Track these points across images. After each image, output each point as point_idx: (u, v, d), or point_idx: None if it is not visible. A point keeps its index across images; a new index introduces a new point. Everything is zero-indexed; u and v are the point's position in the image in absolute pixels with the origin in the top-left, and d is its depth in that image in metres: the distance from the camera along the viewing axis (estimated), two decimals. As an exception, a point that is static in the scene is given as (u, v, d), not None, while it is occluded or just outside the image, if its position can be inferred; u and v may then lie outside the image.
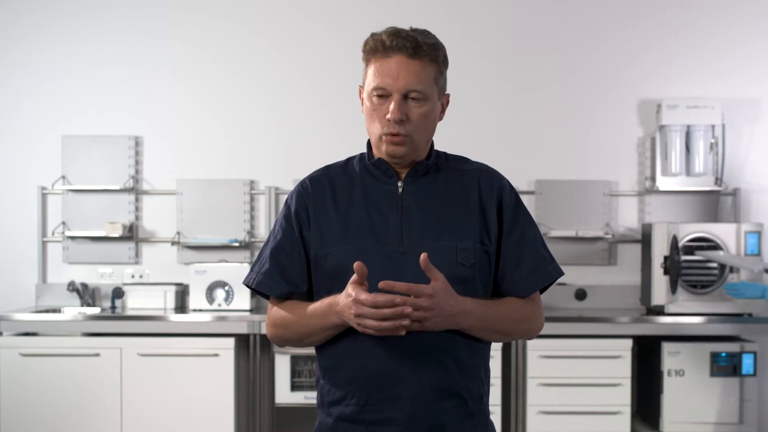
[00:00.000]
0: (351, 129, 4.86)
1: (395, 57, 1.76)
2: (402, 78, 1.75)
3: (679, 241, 4.48)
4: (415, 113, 1.77)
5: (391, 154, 1.80)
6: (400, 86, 1.75)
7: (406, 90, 1.76)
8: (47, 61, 5.02)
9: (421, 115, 1.78)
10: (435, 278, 1.67)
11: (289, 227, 1.84)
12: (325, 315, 1.74)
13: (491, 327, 1.78)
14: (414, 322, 1.65)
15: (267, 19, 5.03)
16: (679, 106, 4.70)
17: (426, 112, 1.79)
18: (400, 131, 1.76)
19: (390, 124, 1.76)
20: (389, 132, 1.77)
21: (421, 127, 1.79)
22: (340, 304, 1.69)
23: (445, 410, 1.76)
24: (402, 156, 1.80)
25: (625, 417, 4.37)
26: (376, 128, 1.79)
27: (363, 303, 1.63)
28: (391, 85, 1.75)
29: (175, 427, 4.32)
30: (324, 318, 1.74)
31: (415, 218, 1.80)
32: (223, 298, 4.62)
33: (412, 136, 1.78)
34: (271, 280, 1.83)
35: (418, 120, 1.78)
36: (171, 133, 5.02)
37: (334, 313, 1.72)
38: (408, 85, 1.75)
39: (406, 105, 1.76)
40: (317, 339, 1.80)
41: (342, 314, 1.69)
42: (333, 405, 1.80)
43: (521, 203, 1.88)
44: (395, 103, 1.75)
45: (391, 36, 1.76)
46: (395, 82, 1.75)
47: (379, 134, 1.79)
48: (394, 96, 1.76)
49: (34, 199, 4.99)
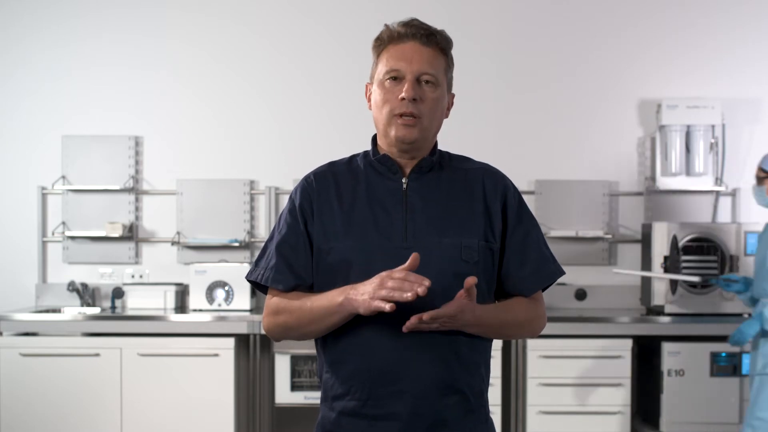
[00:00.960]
0: (351, 129, 4.86)
1: (409, 43, 1.80)
2: (416, 61, 1.79)
3: (679, 241, 4.48)
4: (428, 96, 1.80)
5: (401, 138, 1.80)
6: (414, 69, 1.78)
7: (420, 72, 1.79)
8: (47, 61, 5.02)
9: (434, 99, 1.80)
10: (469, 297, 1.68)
11: (294, 221, 1.84)
12: (333, 296, 1.72)
13: (498, 331, 1.83)
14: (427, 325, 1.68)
15: (267, 19, 5.03)
16: (679, 106, 4.71)
17: (438, 98, 1.81)
18: (413, 111, 1.78)
19: (403, 103, 1.78)
20: (402, 112, 1.78)
21: (432, 110, 1.80)
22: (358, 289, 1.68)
23: (447, 406, 1.77)
24: (412, 140, 1.80)
25: (625, 417, 4.37)
26: (388, 111, 1.80)
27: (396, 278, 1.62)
28: (405, 68, 1.78)
29: (175, 427, 4.32)
30: (331, 299, 1.72)
31: (420, 215, 1.80)
32: (223, 298, 4.62)
33: (423, 119, 1.79)
34: (280, 274, 1.82)
35: (431, 103, 1.80)
36: (171, 133, 5.02)
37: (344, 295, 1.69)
38: (421, 69, 1.79)
39: (420, 88, 1.79)
40: (318, 328, 1.77)
41: (354, 298, 1.67)
42: (336, 399, 1.80)
43: (524, 203, 1.90)
44: (409, 83, 1.78)
45: (405, 25, 1.81)
46: (409, 65, 1.78)
47: (390, 117, 1.80)
48: (407, 77, 1.78)
49: (34, 199, 4.99)
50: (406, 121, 1.78)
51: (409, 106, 1.78)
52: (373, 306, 1.64)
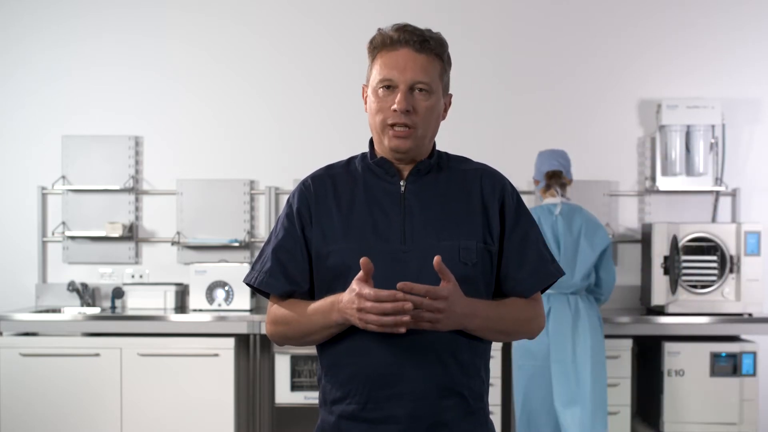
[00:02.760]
0: (351, 129, 4.87)
1: (402, 50, 1.78)
2: (409, 70, 1.76)
3: (679, 241, 4.48)
4: (422, 105, 1.78)
5: (395, 148, 1.80)
6: (407, 78, 1.76)
7: (413, 82, 1.77)
8: (47, 61, 5.02)
9: (427, 108, 1.79)
10: (447, 280, 1.67)
11: (291, 226, 1.84)
12: (327, 312, 1.73)
13: (495, 327, 1.79)
14: (425, 323, 1.65)
15: (267, 19, 5.03)
16: (679, 106, 4.70)
17: (431, 106, 1.79)
18: (407, 122, 1.77)
19: (396, 114, 1.76)
20: (395, 122, 1.77)
21: (426, 120, 1.79)
22: (343, 301, 1.69)
23: (446, 408, 1.76)
24: (406, 150, 1.80)
25: (625, 417, 4.37)
26: (381, 121, 1.79)
27: (366, 297, 1.63)
28: (398, 77, 1.76)
29: (175, 427, 4.32)
30: (326, 316, 1.74)
31: (418, 217, 1.80)
32: (223, 298, 4.62)
33: (417, 128, 1.78)
34: (274, 279, 1.83)
35: (424, 112, 1.78)
36: (171, 133, 5.02)
37: (336, 310, 1.71)
38: (414, 77, 1.76)
39: (412, 97, 1.77)
40: (318, 338, 1.79)
41: (344, 311, 1.69)
42: (335, 403, 1.80)
43: (523, 204, 1.89)
44: (401, 93, 1.76)
45: (398, 30, 1.78)
46: (402, 74, 1.76)
47: (383, 127, 1.79)
48: (400, 87, 1.77)
49: (34, 199, 4.99)
50: (398, 132, 1.78)
51: (401, 117, 1.76)
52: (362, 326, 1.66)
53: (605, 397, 3.87)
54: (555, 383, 3.81)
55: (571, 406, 3.79)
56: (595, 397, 3.80)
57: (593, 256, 3.92)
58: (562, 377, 3.81)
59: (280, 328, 1.84)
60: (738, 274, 4.46)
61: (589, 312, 3.89)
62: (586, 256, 3.90)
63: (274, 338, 1.87)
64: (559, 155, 4.15)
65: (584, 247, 3.91)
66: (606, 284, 4.00)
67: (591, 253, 3.92)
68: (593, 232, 3.96)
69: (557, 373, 3.81)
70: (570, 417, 3.78)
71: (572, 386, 3.80)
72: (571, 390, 3.80)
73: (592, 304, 3.95)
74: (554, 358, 3.82)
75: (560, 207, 3.97)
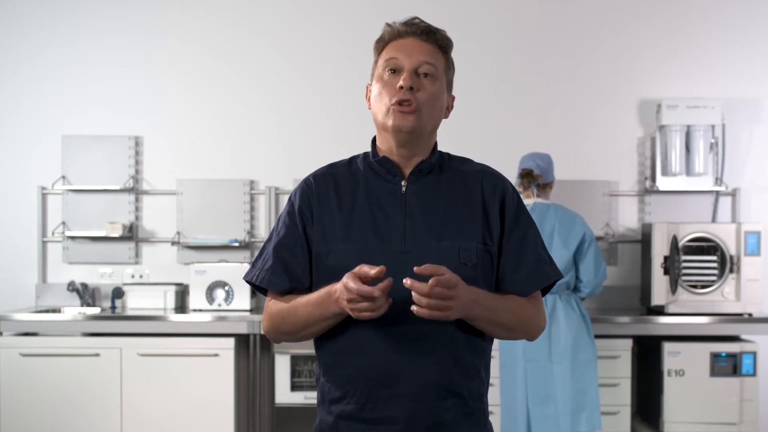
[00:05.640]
0: (351, 129, 4.87)
1: (409, 38, 1.82)
2: (415, 54, 1.80)
3: (679, 241, 4.48)
4: (427, 87, 1.80)
5: (398, 127, 1.79)
6: (413, 60, 1.80)
7: (419, 64, 1.80)
8: (47, 61, 5.02)
9: (432, 93, 1.80)
10: (441, 272, 1.64)
11: (293, 224, 1.84)
12: (323, 303, 1.73)
13: (496, 319, 1.78)
14: (437, 312, 1.63)
15: (267, 20, 5.03)
16: (679, 106, 4.70)
17: (436, 92, 1.81)
18: (411, 98, 1.77)
19: (401, 92, 1.78)
20: (400, 99, 1.77)
21: (430, 102, 1.80)
22: (337, 291, 1.69)
23: (445, 409, 1.76)
24: (410, 129, 1.79)
25: (625, 417, 4.37)
26: (386, 102, 1.80)
27: (350, 290, 1.64)
28: (404, 59, 1.80)
29: (175, 427, 4.32)
30: (322, 306, 1.74)
31: (419, 218, 1.80)
32: (223, 298, 4.62)
33: (421, 109, 1.78)
34: (275, 276, 1.83)
35: (428, 95, 1.80)
36: (171, 133, 5.02)
37: (332, 301, 1.71)
38: (420, 61, 1.80)
39: (418, 80, 1.80)
40: (315, 330, 1.79)
41: (339, 301, 1.69)
42: (333, 403, 1.80)
43: (522, 205, 1.89)
44: (407, 72, 1.79)
45: (406, 24, 1.84)
46: (408, 57, 1.80)
47: (387, 107, 1.79)
48: (406, 68, 1.79)
49: (34, 199, 4.99)
50: (403, 108, 1.78)
51: (406, 94, 1.78)
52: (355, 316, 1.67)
53: (593, 397, 3.85)
54: (529, 382, 3.86)
55: (544, 405, 3.82)
56: (575, 397, 3.82)
57: (567, 254, 3.91)
58: (537, 376, 3.85)
59: (276, 323, 1.83)
60: (738, 274, 4.47)
61: (567, 310, 3.90)
62: (559, 254, 3.88)
63: (270, 334, 1.86)
64: (537, 157, 4.14)
65: (557, 245, 3.90)
66: (585, 276, 3.96)
67: (565, 251, 3.90)
68: (568, 230, 3.94)
69: (531, 371, 3.85)
70: (541, 416, 3.82)
71: (547, 385, 3.83)
72: (546, 389, 3.83)
73: (571, 302, 3.94)
74: (528, 357, 3.86)
75: (533, 206, 3.98)
